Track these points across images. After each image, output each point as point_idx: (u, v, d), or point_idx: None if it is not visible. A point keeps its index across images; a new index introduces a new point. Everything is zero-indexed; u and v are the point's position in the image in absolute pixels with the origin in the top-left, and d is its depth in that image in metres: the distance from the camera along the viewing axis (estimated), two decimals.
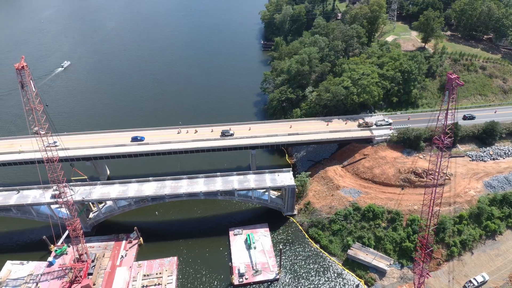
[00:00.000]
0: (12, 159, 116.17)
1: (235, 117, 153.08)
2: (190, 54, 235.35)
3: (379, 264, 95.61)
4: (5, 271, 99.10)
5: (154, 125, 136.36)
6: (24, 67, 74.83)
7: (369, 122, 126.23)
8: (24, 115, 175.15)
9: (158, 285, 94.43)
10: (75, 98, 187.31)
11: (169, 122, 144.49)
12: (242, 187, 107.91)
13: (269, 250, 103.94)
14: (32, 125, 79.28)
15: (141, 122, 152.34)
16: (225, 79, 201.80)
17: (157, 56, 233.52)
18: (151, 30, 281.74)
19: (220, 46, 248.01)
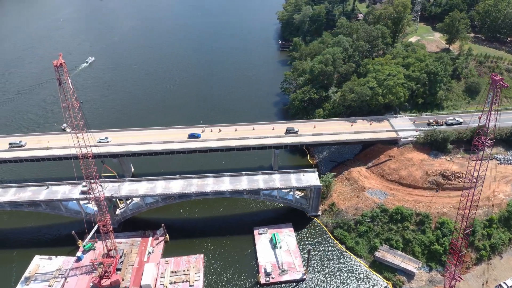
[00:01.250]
0: (40, 155, 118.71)
1: (255, 117, 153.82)
2: (207, 53, 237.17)
3: (408, 267, 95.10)
4: (34, 266, 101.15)
5: (178, 124, 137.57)
6: (62, 64, 76.35)
7: (439, 121, 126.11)
8: (48, 111, 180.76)
9: (186, 282, 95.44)
10: (100, 95, 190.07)
11: (190, 121, 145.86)
12: (267, 187, 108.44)
13: (295, 250, 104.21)
14: (68, 121, 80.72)
15: (164, 120, 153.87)
16: (243, 79, 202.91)
17: (175, 55, 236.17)
18: (170, 30, 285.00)
19: (237, 46, 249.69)
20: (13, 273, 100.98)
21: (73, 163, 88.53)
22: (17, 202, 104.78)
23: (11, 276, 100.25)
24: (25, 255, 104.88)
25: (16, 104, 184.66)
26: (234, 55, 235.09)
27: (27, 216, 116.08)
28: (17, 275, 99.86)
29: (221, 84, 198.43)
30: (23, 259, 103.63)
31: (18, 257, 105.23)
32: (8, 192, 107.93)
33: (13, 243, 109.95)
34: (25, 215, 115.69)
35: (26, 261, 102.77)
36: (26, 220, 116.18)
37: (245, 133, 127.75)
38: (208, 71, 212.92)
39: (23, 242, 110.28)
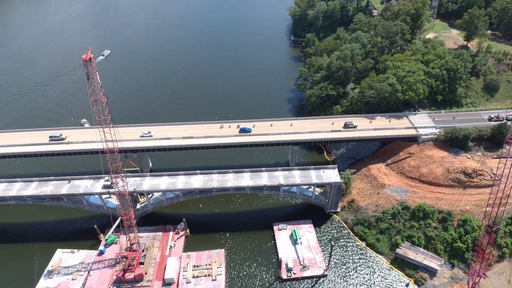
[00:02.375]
0: (61, 150, 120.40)
1: (269, 113, 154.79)
2: (217, 49, 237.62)
3: (430, 264, 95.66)
4: (56, 259, 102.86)
5: (193, 119, 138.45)
6: (91, 58, 77.39)
7: (500, 116, 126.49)
8: (63, 105, 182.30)
9: (208, 276, 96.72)
10: (117, 89, 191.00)
11: (204, 117, 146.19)
12: (288, 183, 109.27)
13: (315, 246, 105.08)
14: (96, 116, 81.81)
15: (179, 115, 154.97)
16: (255, 75, 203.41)
17: (187, 50, 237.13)
18: (181, 25, 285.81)
19: (248, 42, 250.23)
20: (35, 267, 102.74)
21: (100, 157, 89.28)
22: (40, 196, 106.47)
23: (33, 269, 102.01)
24: (47, 248, 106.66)
25: (30, 98, 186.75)
26: (246, 51, 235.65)
27: (47, 210, 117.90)
28: (40, 268, 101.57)
29: (234, 80, 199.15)
30: (44, 253, 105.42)
31: (39, 251, 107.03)
32: (30, 186, 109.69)
33: (34, 236, 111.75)
34: (46, 209, 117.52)
35: (48, 254, 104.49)
36: (47, 214, 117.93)
37: (263, 129, 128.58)
38: (220, 67, 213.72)
39: (44, 235, 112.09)
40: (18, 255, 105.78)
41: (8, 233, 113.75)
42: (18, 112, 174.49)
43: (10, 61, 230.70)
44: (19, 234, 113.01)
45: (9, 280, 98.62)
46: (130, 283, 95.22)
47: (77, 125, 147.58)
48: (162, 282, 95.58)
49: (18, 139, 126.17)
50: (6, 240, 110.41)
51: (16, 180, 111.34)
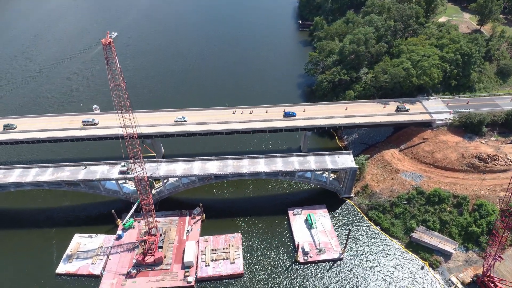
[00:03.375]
0: (75, 135, 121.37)
1: (278, 99, 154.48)
2: (224, 35, 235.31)
3: (445, 247, 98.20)
4: (75, 244, 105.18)
5: (203, 105, 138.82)
6: (111, 42, 77.35)
7: None
8: (72, 91, 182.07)
9: (227, 259, 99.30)
10: (126, 73, 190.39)
11: (213, 103, 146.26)
12: (303, 168, 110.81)
13: (330, 231, 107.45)
14: (115, 101, 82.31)
15: (190, 102, 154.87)
16: (263, 60, 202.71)
17: (191, 34, 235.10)
18: (185, 9, 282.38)
19: (255, 26, 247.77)
20: (53, 251, 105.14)
21: (120, 142, 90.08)
22: (56, 182, 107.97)
23: (52, 253, 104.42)
24: (64, 233, 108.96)
25: (36, 83, 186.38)
26: (252, 35, 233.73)
27: (60, 196, 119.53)
28: (58, 253, 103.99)
29: (241, 65, 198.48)
30: (62, 238, 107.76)
31: (56, 236, 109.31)
32: (46, 172, 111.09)
33: (50, 222, 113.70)
34: (58, 195, 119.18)
35: (65, 239, 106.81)
36: (60, 200, 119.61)
37: (276, 115, 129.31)
38: (226, 52, 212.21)
39: (60, 221, 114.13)
40: (36, 240, 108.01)
41: (24, 218, 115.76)
42: (25, 98, 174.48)
43: (14, 45, 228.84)
44: (35, 219, 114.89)
45: (29, 264, 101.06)
46: (150, 266, 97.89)
47: (88, 110, 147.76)
48: (181, 265, 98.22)
49: (32, 125, 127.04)
50: (23, 226, 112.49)
51: (32, 166, 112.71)
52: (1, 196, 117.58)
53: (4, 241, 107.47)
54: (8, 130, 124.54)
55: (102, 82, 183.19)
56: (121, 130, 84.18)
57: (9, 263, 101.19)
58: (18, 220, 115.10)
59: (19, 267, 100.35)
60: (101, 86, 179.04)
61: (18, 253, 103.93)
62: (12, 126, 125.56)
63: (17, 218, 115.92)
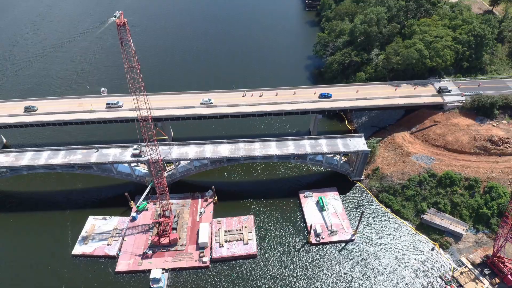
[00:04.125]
0: (85, 118, 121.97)
1: (286, 81, 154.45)
2: (229, 14, 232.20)
3: (456, 229, 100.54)
4: (90, 226, 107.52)
5: (211, 88, 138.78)
6: (125, 23, 76.89)
7: None
8: (76, 73, 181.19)
9: (240, 241, 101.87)
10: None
11: (220, 86, 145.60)
12: (315, 151, 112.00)
13: (342, 213, 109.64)
14: (129, 83, 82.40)
15: (196, 85, 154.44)
16: (269, 41, 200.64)
17: (199, 18, 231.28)
18: None
19: (259, 4, 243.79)
20: (68, 233, 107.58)
21: (136, 125, 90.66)
22: (69, 165, 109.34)
23: (67, 235, 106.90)
24: (78, 216, 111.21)
25: (40, 66, 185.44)
26: (256, 16, 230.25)
27: (71, 179, 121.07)
28: (73, 234, 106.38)
29: (246, 47, 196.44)
30: (76, 220, 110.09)
31: (71, 218, 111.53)
32: (58, 154, 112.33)
33: (62, 204, 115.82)
34: (72, 177, 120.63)
35: (79, 221, 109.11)
36: (72, 183, 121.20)
37: (287, 97, 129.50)
38: (231, 34, 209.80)
39: (73, 203, 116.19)
40: (50, 222, 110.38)
41: (37, 201, 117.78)
42: (30, 80, 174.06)
43: (15, 27, 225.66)
44: (48, 202, 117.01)
45: (45, 246, 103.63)
46: (165, 247, 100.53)
47: (94, 93, 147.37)
48: (196, 246, 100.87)
49: (41, 108, 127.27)
50: (36, 208, 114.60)
51: (43, 149, 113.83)
52: (14, 179, 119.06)
53: (19, 224, 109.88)
54: (29, 112, 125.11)
55: (109, 64, 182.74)
56: (130, 113, 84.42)
57: (24, 245, 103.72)
58: (31, 202, 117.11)
59: (35, 249, 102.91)
60: (108, 68, 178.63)
61: (32, 235, 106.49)
62: (33, 108, 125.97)
63: (30, 200, 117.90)
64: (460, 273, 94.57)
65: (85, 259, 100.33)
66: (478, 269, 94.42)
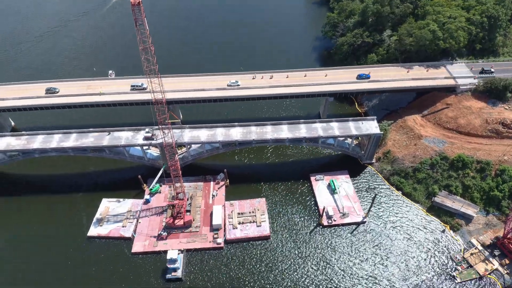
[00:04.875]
0: (95, 101, 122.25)
1: (293, 63, 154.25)
2: None
3: (467, 211, 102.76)
4: (104, 208, 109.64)
5: (218, 70, 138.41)
6: (140, 3, 76.17)
7: None
8: (81, 54, 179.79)
9: (253, 223, 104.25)
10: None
11: (227, 69, 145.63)
12: (327, 135, 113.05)
13: (353, 195, 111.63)
14: (144, 65, 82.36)
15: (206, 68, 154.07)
16: (276, 23, 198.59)
17: None
18: None
19: None
20: (82, 215, 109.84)
21: (151, 108, 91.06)
22: (82, 148, 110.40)
23: (81, 218, 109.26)
24: (91, 198, 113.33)
25: (43, 47, 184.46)
26: None
27: (81, 162, 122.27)
28: (88, 217, 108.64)
29: (253, 28, 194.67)
30: (89, 202, 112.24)
31: (84, 201, 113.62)
32: (70, 138, 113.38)
33: (75, 187, 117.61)
34: (82, 161, 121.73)
35: (93, 204, 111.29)
36: (83, 166, 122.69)
37: (297, 79, 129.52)
38: (237, 14, 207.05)
39: (85, 186, 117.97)
40: (63, 205, 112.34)
41: (49, 184, 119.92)
42: (34, 62, 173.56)
43: (15, 7, 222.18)
44: (61, 185, 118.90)
45: (60, 228, 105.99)
46: (179, 229, 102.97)
47: (102, 75, 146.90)
48: (210, 228, 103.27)
49: None
50: (49, 191, 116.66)
51: (55, 132, 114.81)
52: (25, 162, 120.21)
53: (33, 206, 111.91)
54: (51, 94, 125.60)
55: (115, 44, 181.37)
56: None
57: (39, 228, 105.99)
58: (43, 185, 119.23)
59: (50, 231, 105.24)
60: (114, 49, 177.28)
61: (46, 218, 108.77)
62: (55, 90, 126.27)
63: (42, 183, 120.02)
64: (470, 254, 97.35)
65: (101, 240, 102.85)
66: (488, 250, 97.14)
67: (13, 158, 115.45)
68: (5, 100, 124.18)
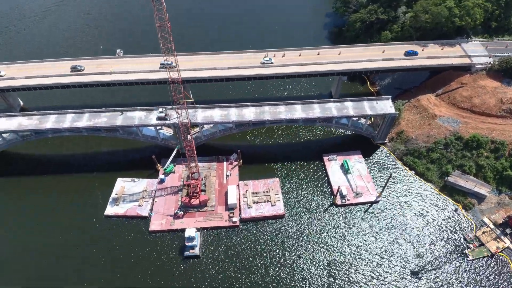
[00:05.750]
0: (105, 80, 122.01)
1: (304, 41, 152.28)
2: None
3: (480, 191, 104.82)
4: (119, 188, 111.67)
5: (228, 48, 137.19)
6: None
7: None
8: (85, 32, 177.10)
9: (268, 202, 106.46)
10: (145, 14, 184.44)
11: (236, 47, 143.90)
12: (341, 114, 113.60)
13: (366, 175, 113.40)
14: (160, 43, 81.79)
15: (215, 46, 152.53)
16: None
17: None
18: None
19: None
20: (98, 194, 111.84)
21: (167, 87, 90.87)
22: (96, 127, 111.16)
23: (97, 197, 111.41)
24: (105, 178, 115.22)
25: (43, 25, 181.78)
26: None
27: (92, 142, 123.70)
28: (104, 196, 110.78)
29: (258, 5, 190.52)
30: (104, 182, 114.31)
31: (99, 180, 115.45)
32: (83, 117, 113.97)
33: (90, 167, 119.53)
34: (94, 140, 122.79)
35: (108, 184, 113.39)
36: (96, 146, 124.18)
37: (310, 58, 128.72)
38: None
39: (99, 166, 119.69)
40: (78, 184, 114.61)
41: (63, 164, 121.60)
42: (36, 40, 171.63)
43: None
44: (75, 165, 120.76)
45: (76, 207, 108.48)
46: (195, 208, 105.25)
47: (110, 53, 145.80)
48: (225, 207, 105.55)
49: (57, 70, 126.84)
50: (63, 171, 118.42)
51: (67, 112, 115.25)
52: (38, 142, 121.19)
53: (49, 186, 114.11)
54: (76, 72, 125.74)
55: (121, 22, 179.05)
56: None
57: (56, 207, 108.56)
58: (56, 165, 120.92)
59: (67, 210, 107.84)
60: (121, 26, 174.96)
61: (62, 198, 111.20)
62: (81, 68, 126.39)
63: (55, 163, 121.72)
64: (482, 232, 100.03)
65: (118, 219, 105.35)
66: (499, 229, 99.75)
67: (26, 138, 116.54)
68: (32, 79, 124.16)
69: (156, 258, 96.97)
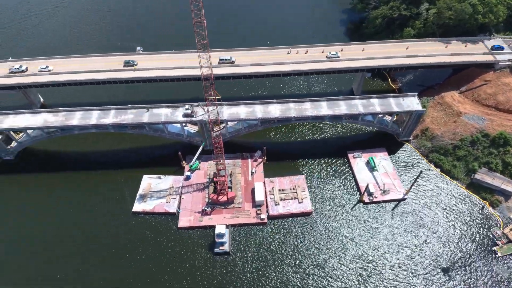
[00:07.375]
0: (130, 77, 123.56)
1: (320, 37, 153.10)
2: None
3: (507, 188, 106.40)
4: (146, 184, 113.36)
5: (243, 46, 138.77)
6: None
7: None
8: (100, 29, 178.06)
9: (295, 199, 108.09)
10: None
11: (254, 43, 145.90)
12: (368, 111, 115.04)
13: (393, 173, 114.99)
14: (196, 38, 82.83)
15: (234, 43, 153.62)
16: None
17: None
18: None
19: None
20: (125, 191, 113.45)
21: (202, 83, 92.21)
22: (122, 124, 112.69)
23: (123, 194, 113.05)
24: (131, 175, 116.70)
25: (56, 21, 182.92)
26: None
27: (116, 139, 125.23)
28: (130, 193, 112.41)
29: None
30: (130, 179, 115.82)
31: (124, 177, 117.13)
32: (109, 114, 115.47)
33: (115, 164, 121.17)
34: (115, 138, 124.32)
35: (134, 181, 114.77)
36: (119, 143, 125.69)
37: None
38: None
39: (125, 163, 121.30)
40: (105, 181, 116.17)
41: (88, 160, 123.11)
42: (50, 36, 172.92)
43: None
44: (100, 161, 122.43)
45: (104, 204, 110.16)
46: (222, 205, 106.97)
47: (129, 50, 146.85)
48: (252, 204, 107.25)
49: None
50: (89, 168, 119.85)
51: (93, 109, 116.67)
52: (60, 139, 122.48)
53: (75, 182, 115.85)
54: (128, 67, 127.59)
55: (139, 18, 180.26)
56: None
57: (83, 204, 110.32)
58: (82, 162, 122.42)
59: (95, 207, 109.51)
60: (139, 23, 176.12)
61: (89, 194, 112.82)
62: (134, 63, 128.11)
63: (81, 160, 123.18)
64: (510, 229, 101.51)
65: (146, 216, 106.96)
66: None
67: (51, 134, 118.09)
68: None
69: (186, 255, 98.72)
